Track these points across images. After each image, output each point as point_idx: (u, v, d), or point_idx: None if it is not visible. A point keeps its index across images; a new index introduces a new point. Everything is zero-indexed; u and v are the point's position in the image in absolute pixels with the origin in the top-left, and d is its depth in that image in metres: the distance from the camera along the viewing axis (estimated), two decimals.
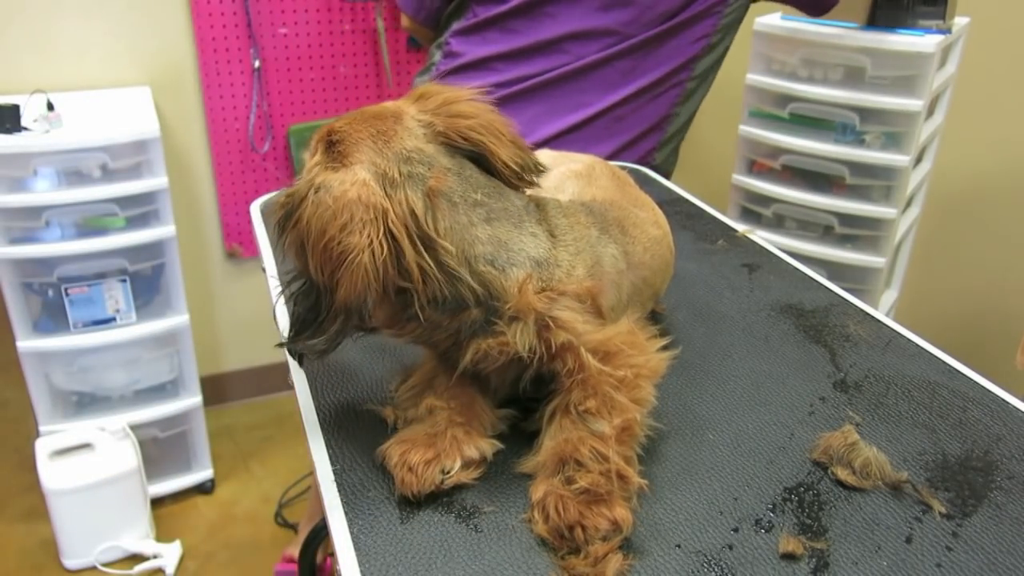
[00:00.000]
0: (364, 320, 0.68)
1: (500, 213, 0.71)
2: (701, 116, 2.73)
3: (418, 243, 0.66)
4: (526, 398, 0.76)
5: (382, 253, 0.64)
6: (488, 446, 0.73)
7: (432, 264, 0.67)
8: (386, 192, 0.66)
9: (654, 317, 0.99)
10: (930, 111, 1.91)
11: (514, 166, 0.74)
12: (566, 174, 0.93)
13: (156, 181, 1.80)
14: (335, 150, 0.68)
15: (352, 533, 0.66)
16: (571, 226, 0.76)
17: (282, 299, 0.73)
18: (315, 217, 0.65)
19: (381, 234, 0.64)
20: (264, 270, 1.13)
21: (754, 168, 2.05)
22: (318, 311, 0.68)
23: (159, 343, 1.97)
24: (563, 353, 0.70)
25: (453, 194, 0.69)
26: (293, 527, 2.02)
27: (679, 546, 0.66)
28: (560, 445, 0.68)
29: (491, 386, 0.76)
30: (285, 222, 0.68)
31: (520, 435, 0.76)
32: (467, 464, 0.71)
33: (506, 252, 0.70)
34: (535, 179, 0.77)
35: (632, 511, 0.66)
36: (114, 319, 1.88)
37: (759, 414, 0.83)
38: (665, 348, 0.75)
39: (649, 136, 1.42)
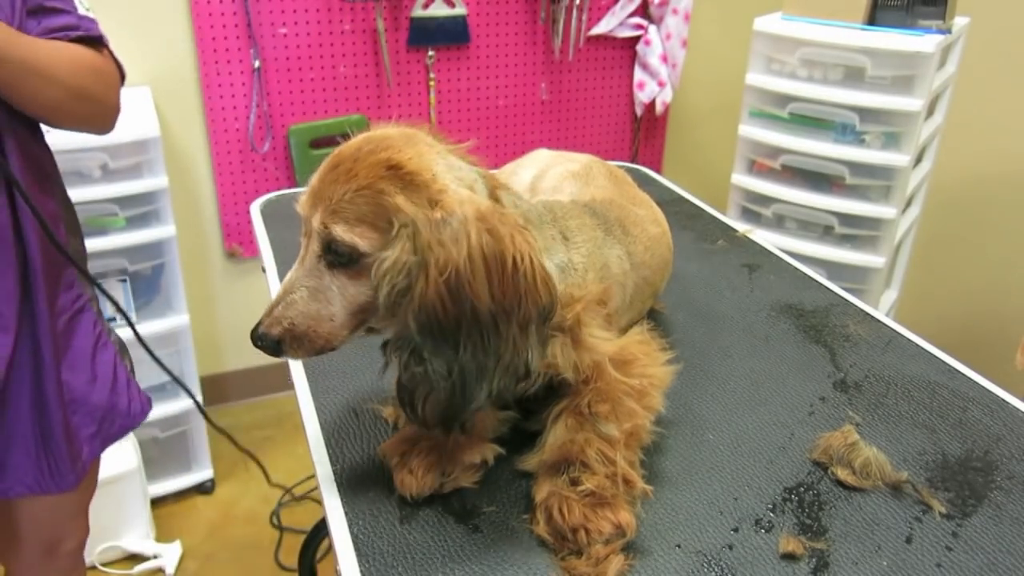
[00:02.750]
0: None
1: (528, 215, 0.71)
2: (701, 116, 2.74)
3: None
4: (532, 399, 0.76)
5: (536, 250, 0.62)
6: (489, 451, 0.72)
7: None
8: None
9: (654, 316, 0.99)
10: (930, 111, 1.91)
11: None
12: (564, 175, 0.93)
13: (156, 181, 1.80)
14: (419, 180, 0.61)
15: (352, 533, 0.66)
16: (579, 228, 0.76)
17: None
18: (476, 247, 0.59)
19: (527, 237, 0.62)
20: (264, 270, 1.13)
21: (754, 168, 2.05)
22: (487, 352, 0.61)
23: (159, 343, 1.96)
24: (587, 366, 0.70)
25: (503, 197, 0.68)
26: (284, 529, 2.01)
27: (679, 546, 0.66)
28: (566, 445, 0.68)
29: None
30: (416, 279, 0.60)
31: (520, 434, 0.76)
32: (467, 468, 0.71)
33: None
34: None
35: (636, 516, 0.66)
36: (114, 319, 1.88)
37: (759, 414, 0.83)
38: (667, 349, 0.75)
39: None
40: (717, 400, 0.85)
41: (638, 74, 2.50)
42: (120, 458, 1.87)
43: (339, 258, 0.62)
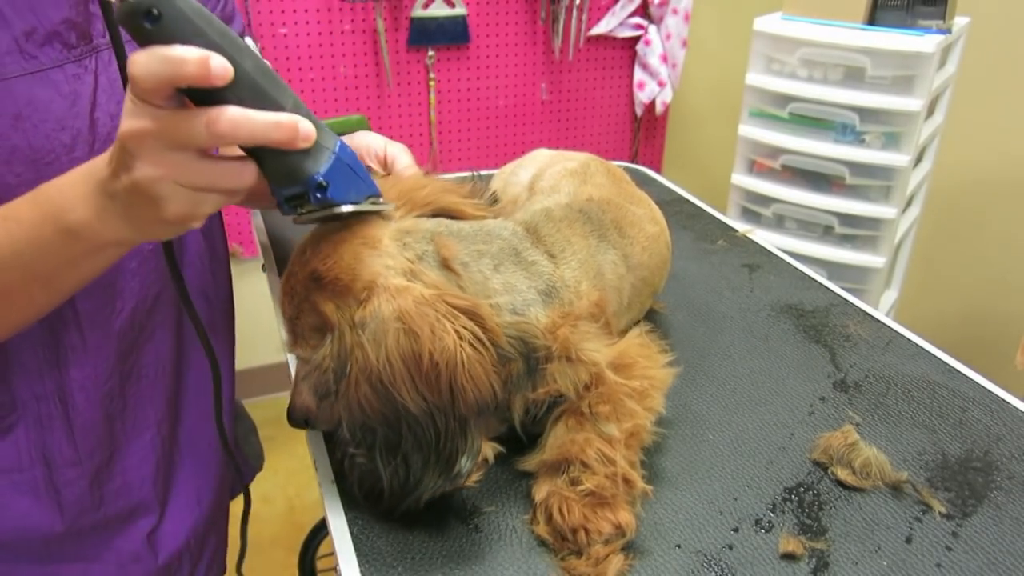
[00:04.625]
0: (498, 408, 0.64)
1: (501, 256, 0.70)
2: (701, 116, 2.74)
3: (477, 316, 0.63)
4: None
5: (473, 339, 0.60)
6: (490, 449, 0.72)
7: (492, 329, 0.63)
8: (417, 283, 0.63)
9: (653, 317, 0.99)
10: (930, 111, 1.91)
11: (478, 212, 0.75)
12: (561, 173, 0.93)
13: None
14: (340, 285, 0.62)
15: (352, 533, 0.66)
16: (568, 240, 0.76)
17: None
18: (393, 348, 0.59)
19: (460, 322, 0.60)
20: (264, 270, 1.13)
21: (754, 168, 2.05)
22: (429, 445, 0.61)
23: None
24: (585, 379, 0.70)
25: (461, 254, 0.67)
26: None
27: (679, 546, 0.66)
28: (566, 445, 0.68)
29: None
30: (338, 384, 0.61)
31: (520, 436, 0.76)
32: None
33: (520, 295, 0.69)
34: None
35: (636, 516, 0.66)
36: None
37: (759, 414, 0.83)
38: (666, 350, 0.75)
39: None
40: (717, 400, 0.85)
41: (638, 74, 2.50)
42: None
43: None
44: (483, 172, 0.88)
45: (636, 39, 2.44)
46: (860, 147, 1.85)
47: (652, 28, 2.41)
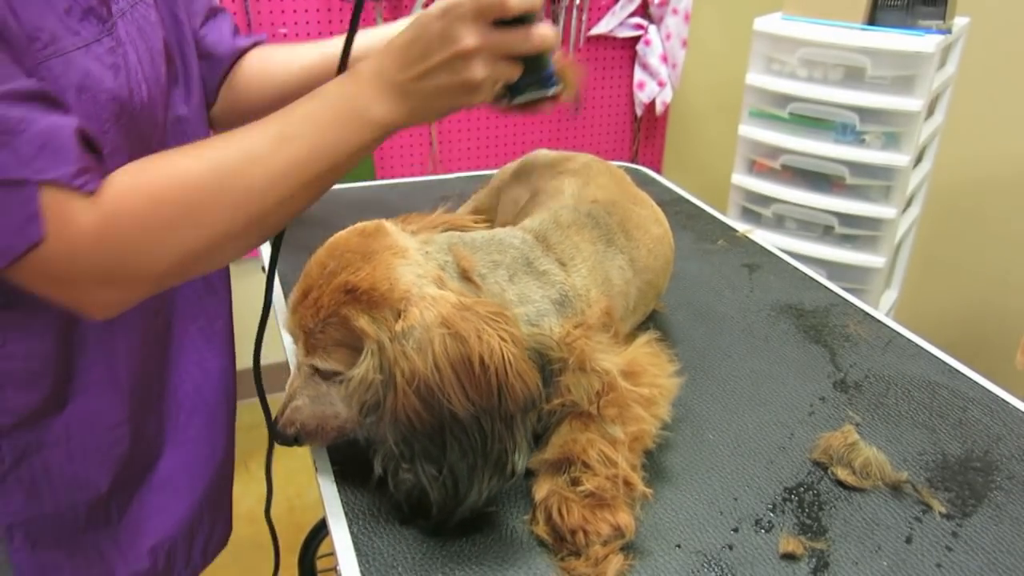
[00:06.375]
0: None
1: (514, 266, 0.70)
2: (701, 116, 2.74)
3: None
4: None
5: (512, 340, 0.61)
6: None
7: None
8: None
9: (654, 317, 0.99)
10: (930, 111, 1.91)
11: (479, 225, 0.76)
12: (564, 173, 0.93)
13: None
14: (376, 296, 0.62)
15: (352, 533, 0.66)
16: (576, 247, 0.76)
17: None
18: (441, 354, 0.59)
19: (499, 324, 0.61)
20: (264, 270, 1.13)
21: (754, 168, 2.05)
22: (475, 451, 0.61)
23: None
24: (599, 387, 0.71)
25: (478, 266, 0.68)
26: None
27: (679, 546, 0.66)
28: (569, 444, 0.68)
29: None
30: (385, 397, 0.61)
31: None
32: None
33: (534, 305, 0.69)
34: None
35: (635, 517, 0.66)
36: None
37: (759, 414, 0.83)
38: (673, 358, 0.75)
39: None
40: (717, 400, 0.85)
41: (638, 74, 2.50)
42: None
43: (328, 375, 0.66)
44: (483, 172, 0.88)
45: (636, 39, 2.44)
46: (860, 147, 1.85)
47: (652, 28, 2.41)
